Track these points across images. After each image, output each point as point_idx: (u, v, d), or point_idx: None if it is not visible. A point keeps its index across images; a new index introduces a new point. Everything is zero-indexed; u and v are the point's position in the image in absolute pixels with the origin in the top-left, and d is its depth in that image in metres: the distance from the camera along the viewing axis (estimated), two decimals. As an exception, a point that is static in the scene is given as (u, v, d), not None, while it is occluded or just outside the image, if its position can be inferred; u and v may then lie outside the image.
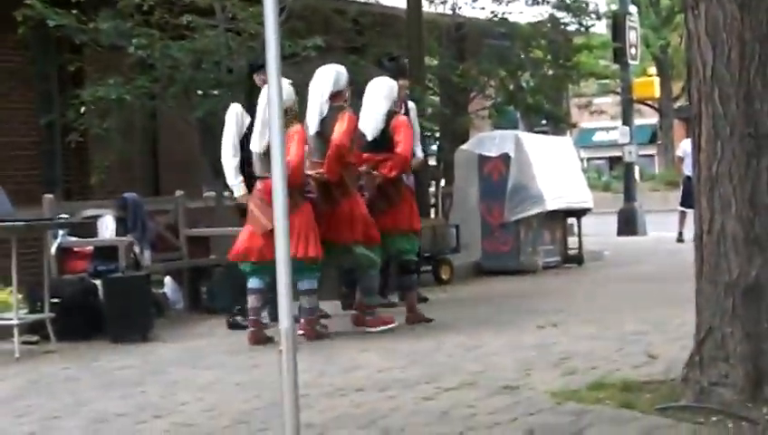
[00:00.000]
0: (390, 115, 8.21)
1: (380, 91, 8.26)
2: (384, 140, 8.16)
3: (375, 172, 8.13)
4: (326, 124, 7.78)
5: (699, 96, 4.88)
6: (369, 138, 8.17)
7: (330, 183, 7.74)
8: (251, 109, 7.96)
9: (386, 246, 8.11)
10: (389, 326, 7.91)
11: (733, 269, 4.77)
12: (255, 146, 7.55)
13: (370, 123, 8.18)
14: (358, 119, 8.01)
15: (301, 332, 7.28)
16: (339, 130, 7.66)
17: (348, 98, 7.97)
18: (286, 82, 7.70)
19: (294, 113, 7.61)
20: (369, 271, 7.94)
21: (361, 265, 7.93)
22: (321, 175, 7.70)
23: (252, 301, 7.56)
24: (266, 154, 7.38)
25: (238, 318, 8.25)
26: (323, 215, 7.70)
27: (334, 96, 7.81)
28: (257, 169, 7.63)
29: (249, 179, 7.92)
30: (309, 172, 7.69)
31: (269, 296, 7.46)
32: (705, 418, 4.63)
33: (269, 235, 7.06)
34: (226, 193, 10.69)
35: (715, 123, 4.81)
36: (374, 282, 8.02)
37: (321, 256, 7.52)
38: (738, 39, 4.75)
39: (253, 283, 7.57)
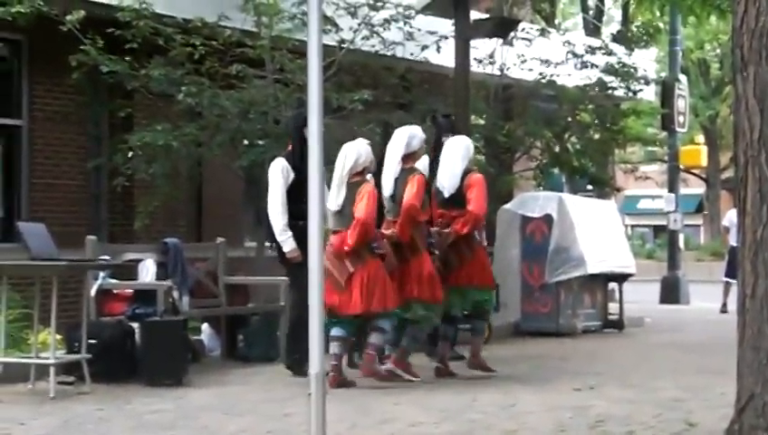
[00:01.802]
0: (466, 173, 8.41)
1: (458, 151, 8.50)
2: (458, 197, 8.37)
3: (447, 230, 8.30)
4: (398, 186, 8.06)
5: (746, 159, 4.83)
6: (446, 195, 8.40)
7: (400, 242, 7.98)
8: (297, 162, 8.04)
9: (462, 299, 8.33)
10: (410, 378, 8.00)
11: (775, 336, 4.68)
12: (331, 204, 7.82)
13: (448, 181, 8.42)
14: (428, 180, 8.21)
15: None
16: (409, 193, 7.94)
17: (420, 157, 8.27)
18: (365, 143, 8.04)
19: (370, 173, 7.95)
20: (423, 325, 8.15)
21: (417, 320, 8.10)
22: (393, 234, 7.96)
23: (333, 347, 7.78)
24: (340, 211, 7.76)
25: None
26: (393, 271, 7.95)
27: (406, 158, 8.12)
28: (330, 224, 7.85)
29: (295, 234, 8.04)
30: (383, 231, 8.00)
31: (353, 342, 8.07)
32: (743, 487, 4.52)
33: (342, 289, 7.65)
34: (267, 244, 10.74)
35: (761, 187, 4.75)
36: (420, 334, 8.22)
37: (391, 306, 7.78)
38: (786, 102, 4.71)
39: (334, 331, 7.81)
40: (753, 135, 4.77)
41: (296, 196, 8.00)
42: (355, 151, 7.92)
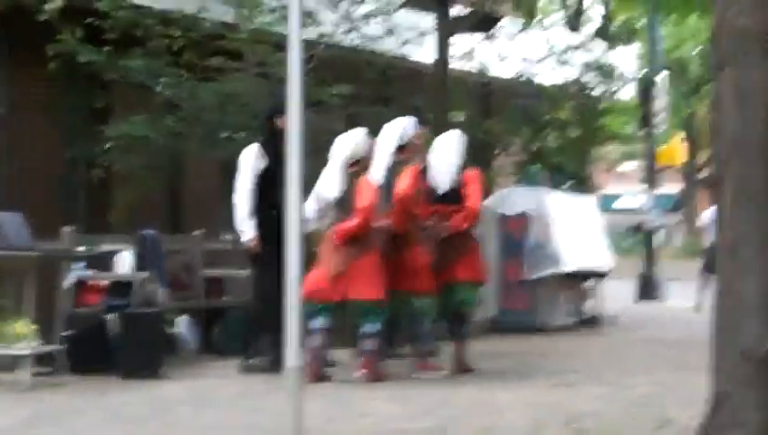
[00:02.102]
0: (462, 168, 8.39)
1: (452, 145, 8.46)
2: (455, 193, 8.33)
3: (444, 224, 8.26)
4: (390, 177, 8.03)
5: (723, 158, 4.85)
6: (441, 191, 8.33)
7: (394, 234, 7.94)
8: (268, 152, 8.04)
9: (449, 295, 8.23)
10: (435, 375, 7.97)
11: (750, 335, 4.71)
12: (332, 192, 7.80)
13: (444, 176, 8.34)
14: (422, 171, 8.19)
15: (363, 371, 7.67)
16: (403, 183, 7.92)
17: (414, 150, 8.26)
18: (363, 133, 8.01)
19: (367, 163, 7.92)
20: (423, 319, 8.09)
21: (416, 314, 8.06)
22: (388, 226, 7.89)
23: (315, 340, 7.69)
24: (340, 201, 7.76)
25: (251, 361, 8.18)
26: (387, 264, 7.89)
27: (400, 150, 8.12)
28: (330, 214, 7.86)
29: (263, 220, 7.98)
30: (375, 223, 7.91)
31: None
32: (716, 485, 4.54)
33: (336, 278, 7.63)
34: (230, 236, 10.69)
35: (739, 185, 4.77)
36: (426, 326, 8.11)
37: (386, 300, 7.73)
38: (764, 102, 4.73)
39: (315, 323, 7.71)
40: (730, 134, 4.79)
41: (269, 182, 7.99)
42: (352, 141, 7.94)
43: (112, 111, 11.68)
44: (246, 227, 8.11)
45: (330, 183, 7.85)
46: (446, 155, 8.44)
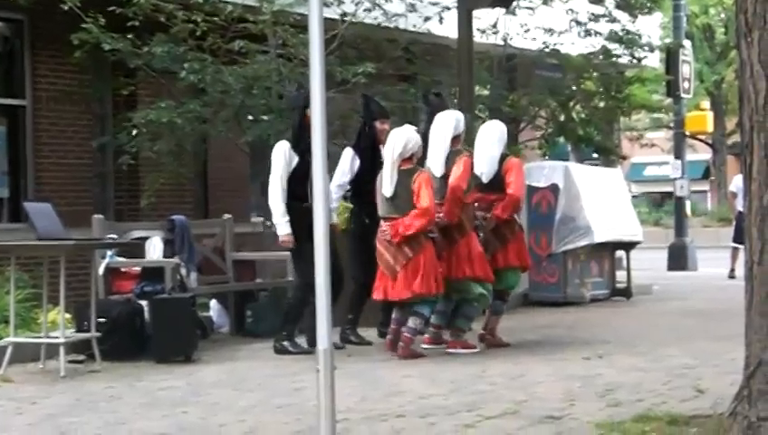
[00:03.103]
0: (503, 157, 8.56)
1: (493, 135, 8.62)
2: (496, 182, 8.51)
3: (488, 216, 8.46)
4: (446, 167, 8.17)
5: (751, 125, 4.81)
6: (485, 180, 8.52)
7: (449, 224, 8.10)
8: (299, 146, 8.06)
9: (497, 280, 8.40)
10: (469, 351, 8.09)
11: (783, 302, 4.68)
12: (386, 190, 7.92)
13: (485, 166, 8.53)
14: (471, 161, 8.31)
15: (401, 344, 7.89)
16: (455, 174, 8.08)
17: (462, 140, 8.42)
18: (412, 129, 8.20)
19: (418, 158, 8.06)
20: (474, 303, 8.27)
21: (469, 299, 8.23)
22: (442, 220, 8.06)
23: (418, 324, 7.96)
24: (393, 198, 7.86)
25: (285, 343, 8.24)
26: (442, 253, 8.07)
27: (454, 140, 8.23)
28: (383, 210, 7.99)
29: (296, 215, 8.03)
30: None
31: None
32: (752, 453, 4.53)
33: (395, 274, 7.81)
34: (260, 218, 10.75)
35: (766, 153, 4.73)
36: (474, 312, 8.36)
37: (442, 290, 7.95)
38: (792, 67, 4.68)
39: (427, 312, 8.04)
40: (758, 100, 4.75)
41: (301, 177, 8.02)
42: (404, 138, 8.00)
43: (138, 98, 11.74)
44: (281, 223, 8.15)
45: (383, 180, 7.96)
46: (489, 144, 8.59)
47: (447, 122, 8.29)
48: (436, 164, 8.21)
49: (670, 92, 18.52)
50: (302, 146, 7.99)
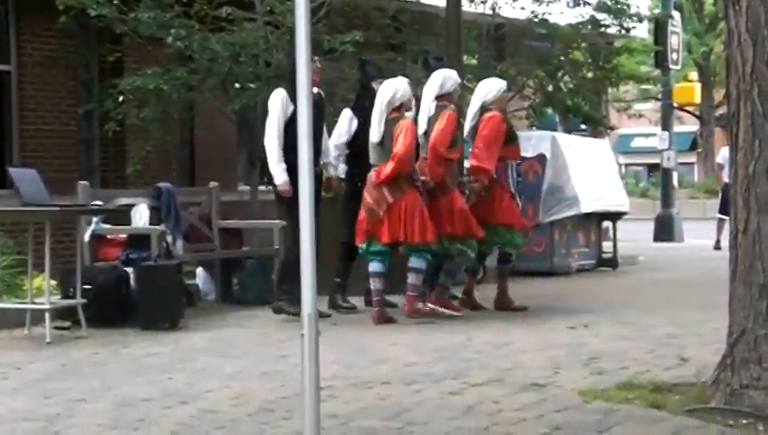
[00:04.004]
0: (482, 111, 8.56)
1: (478, 91, 8.72)
2: (471, 136, 8.65)
3: (474, 184, 8.51)
4: (430, 123, 8.22)
5: (738, 94, 4.81)
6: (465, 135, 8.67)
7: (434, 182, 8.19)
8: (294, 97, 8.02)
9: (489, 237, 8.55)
10: (451, 313, 8.15)
11: (767, 270, 4.70)
12: (373, 136, 8.03)
13: (467, 122, 8.70)
14: (455, 116, 8.34)
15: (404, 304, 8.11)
16: (436, 130, 8.14)
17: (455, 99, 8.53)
18: (404, 80, 8.25)
19: (408, 108, 8.13)
20: (458, 261, 8.35)
21: (451, 256, 8.31)
22: (427, 181, 8.12)
23: (374, 283, 8.05)
24: (381, 143, 7.99)
25: (282, 303, 8.24)
26: (429, 210, 8.11)
27: (440, 99, 8.26)
28: (372, 157, 8.09)
29: (293, 168, 8.00)
30: (422, 178, 8.15)
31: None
32: (734, 420, 4.56)
33: (378, 219, 7.89)
34: (262, 186, 10.69)
35: (753, 121, 4.74)
36: (455, 267, 8.41)
37: (430, 238, 7.96)
38: (779, 36, 4.68)
39: (373, 266, 8.06)
40: (745, 69, 4.75)
41: (295, 129, 7.96)
42: (393, 87, 8.08)
43: (124, 65, 11.68)
44: (278, 172, 8.09)
45: (372, 127, 8.04)
46: (473, 100, 8.71)
47: (434, 80, 8.34)
48: (420, 121, 8.28)
49: (658, 63, 18.49)
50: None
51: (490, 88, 8.69)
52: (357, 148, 8.68)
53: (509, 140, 8.64)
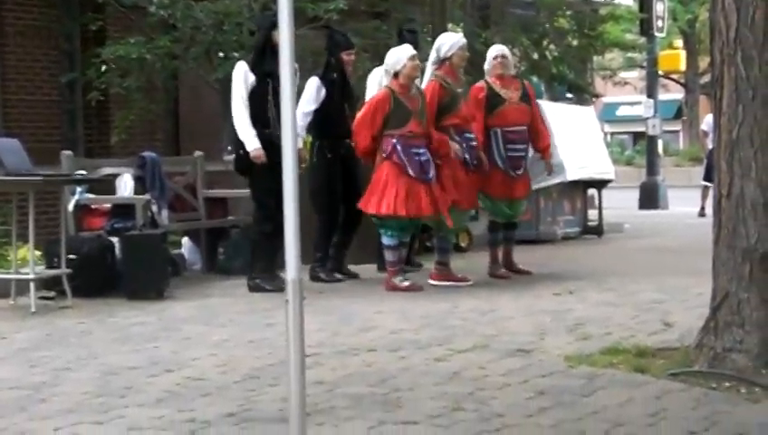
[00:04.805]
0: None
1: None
2: None
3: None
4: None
5: (722, 59, 4.81)
6: None
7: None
8: (258, 66, 8.00)
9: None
10: (457, 284, 8.17)
11: (751, 234, 4.73)
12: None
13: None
14: (437, 85, 8.31)
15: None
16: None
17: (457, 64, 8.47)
18: (409, 48, 8.22)
19: (410, 77, 8.11)
20: (441, 235, 8.44)
21: (438, 233, 8.45)
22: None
23: (388, 255, 8.12)
24: None
25: (258, 280, 8.23)
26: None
27: (439, 65, 8.36)
28: None
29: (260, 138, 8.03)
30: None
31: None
32: (717, 383, 4.60)
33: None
34: (228, 150, 10.65)
35: (737, 86, 4.74)
36: (443, 243, 8.44)
37: (386, 212, 7.95)
38: (763, 0, 4.67)
39: (384, 240, 8.13)
40: (729, 34, 4.75)
41: (260, 101, 7.98)
42: (394, 55, 8.15)
43: (107, 34, 11.60)
44: (250, 139, 8.05)
45: (368, 94, 8.24)
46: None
47: (433, 47, 8.44)
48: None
49: (644, 31, 18.47)
50: (264, 68, 7.94)
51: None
52: (325, 119, 8.64)
53: (490, 108, 8.59)
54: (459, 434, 3.97)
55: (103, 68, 10.88)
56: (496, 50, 9.00)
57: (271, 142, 7.68)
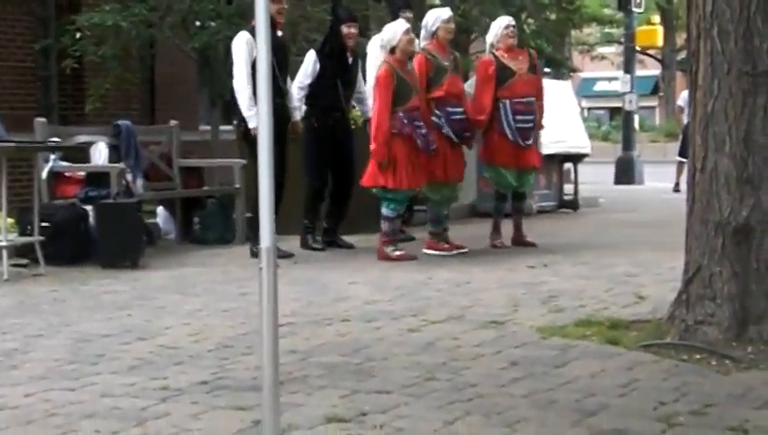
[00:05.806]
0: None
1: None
2: None
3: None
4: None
5: (698, 32, 4.81)
6: None
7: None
8: None
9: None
10: (442, 253, 8.31)
11: (724, 208, 4.75)
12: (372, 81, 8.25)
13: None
14: (422, 58, 8.29)
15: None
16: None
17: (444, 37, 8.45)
18: (404, 23, 8.21)
19: (407, 53, 8.11)
20: (430, 205, 8.58)
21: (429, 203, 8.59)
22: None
23: (385, 226, 8.14)
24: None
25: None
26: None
27: (429, 40, 8.39)
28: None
29: None
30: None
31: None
32: (688, 355, 4.63)
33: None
34: (224, 126, 10.61)
35: (713, 60, 4.75)
36: (433, 213, 8.53)
37: (399, 186, 7.98)
38: (740, -26, 4.68)
39: (386, 211, 8.15)
40: (705, 8, 4.75)
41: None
42: (390, 30, 8.11)
43: (82, 1, 11.48)
44: (250, 115, 8.00)
45: (370, 69, 8.25)
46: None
47: (424, 21, 8.40)
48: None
49: (621, 6, 18.47)
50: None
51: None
52: (316, 90, 8.62)
53: (500, 81, 8.60)
54: (432, 403, 3.98)
55: (78, 35, 10.78)
56: (506, 20, 8.97)
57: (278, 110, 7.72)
